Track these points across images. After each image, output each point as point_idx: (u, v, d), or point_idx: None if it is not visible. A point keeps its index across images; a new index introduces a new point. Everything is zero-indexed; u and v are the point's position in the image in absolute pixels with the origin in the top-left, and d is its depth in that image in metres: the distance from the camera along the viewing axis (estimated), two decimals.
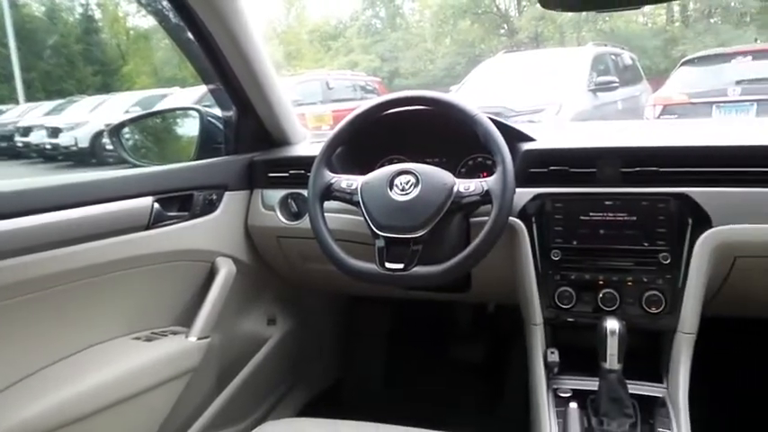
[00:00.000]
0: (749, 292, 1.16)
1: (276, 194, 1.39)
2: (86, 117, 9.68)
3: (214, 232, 1.33)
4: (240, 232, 1.40)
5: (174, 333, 1.22)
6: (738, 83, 5.15)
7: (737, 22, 17.87)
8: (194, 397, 1.28)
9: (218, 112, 1.48)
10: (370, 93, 9.17)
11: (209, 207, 1.32)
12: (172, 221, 1.22)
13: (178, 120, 1.63)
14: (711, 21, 19.16)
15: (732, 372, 1.61)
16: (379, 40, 23.22)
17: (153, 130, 1.63)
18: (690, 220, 1.06)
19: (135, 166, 1.42)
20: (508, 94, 5.73)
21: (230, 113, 1.45)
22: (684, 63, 5.94)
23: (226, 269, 1.31)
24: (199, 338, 1.21)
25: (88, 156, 8.87)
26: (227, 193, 1.36)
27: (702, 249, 1.05)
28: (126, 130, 1.52)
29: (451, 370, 1.88)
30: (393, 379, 1.91)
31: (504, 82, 6.37)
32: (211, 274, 1.30)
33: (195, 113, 1.49)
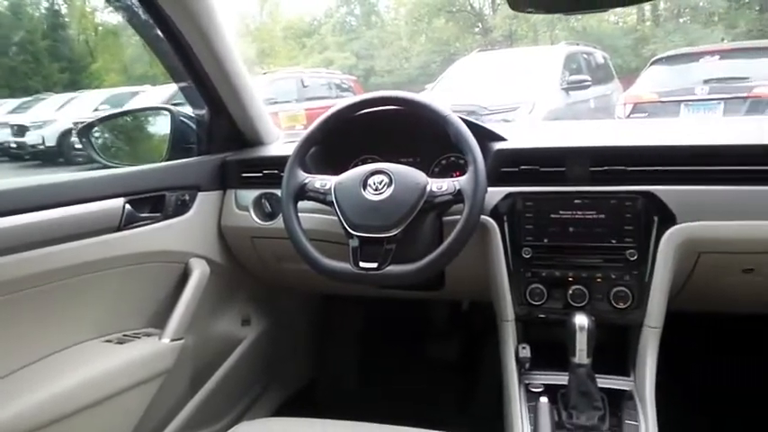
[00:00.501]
0: (712, 288, 1.20)
1: (250, 195, 1.38)
2: (54, 115, 9.44)
3: (187, 233, 1.31)
4: (213, 233, 1.40)
5: (148, 335, 1.21)
6: (706, 82, 5.28)
7: (706, 22, 18.33)
8: (168, 398, 1.27)
9: (189, 111, 1.46)
10: (345, 91, 9.14)
11: (182, 208, 1.31)
12: (144, 223, 1.21)
13: (149, 119, 1.61)
14: (681, 20, 19.62)
15: (697, 365, 1.66)
16: (355, 37, 23.16)
17: (123, 130, 1.60)
18: (655, 218, 1.09)
19: (105, 166, 1.40)
20: (482, 93, 5.79)
21: (202, 113, 1.44)
22: (654, 62, 6.08)
23: (199, 270, 1.30)
24: (172, 340, 1.20)
25: (56, 155, 8.65)
26: (199, 193, 1.35)
27: (667, 246, 1.08)
28: (96, 129, 1.50)
29: (426, 367, 1.89)
30: (368, 378, 1.92)
31: (479, 80, 6.44)
32: (185, 276, 1.29)
33: (166, 113, 1.47)
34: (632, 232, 1.11)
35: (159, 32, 1.25)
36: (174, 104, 1.54)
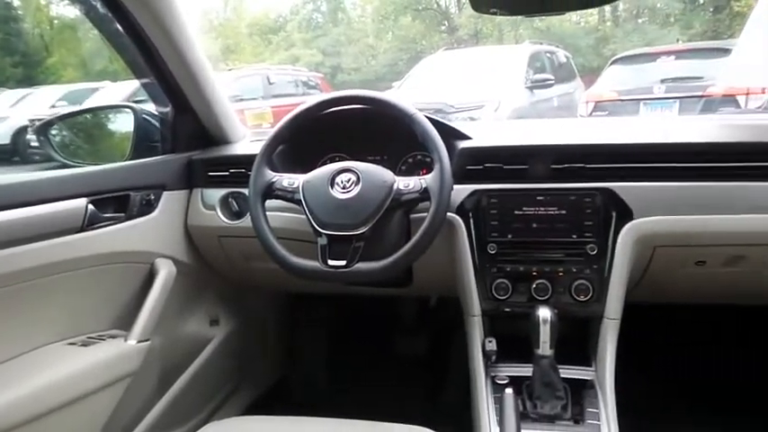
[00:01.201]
0: (668, 280, 1.25)
1: (216, 194, 1.37)
2: (7, 112, 9.08)
3: (152, 233, 1.30)
4: (180, 232, 1.38)
5: (113, 337, 1.19)
6: (663, 81, 5.45)
7: (663, 23, 18.88)
8: (136, 400, 1.25)
9: (153, 109, 1.44)
10: (312, 88, 9.08)
11: (147, 207, 1.29)
12: (107, 223, 1.19)
13: (111, 117, 1.58)
14: (639, 21, 20.17)
15: (655, 354, 1.73)
16: (321, 34, 22.98)
17: (84, 129, 1.57)
18: (614, 213, 1.13)
19: (66, 166, 1.37)
20: (449, 91, 5.84)
21: (166, 110, 1.42)
22: (614, 62, 6.24)
23: (165, 270, 1.28)
24: (139, 341, 1.18)
25: (10, 153, 8.33)
26: (165, 192, 1.34)
27: (625, 240, 1.12)
28: (55, 128, 1.46)
29: (396, 363, 1.91)
30: (338, 374, 1.93)
31: (445, 79, 6.49)
32: (151, 276, 1.28)
33: (129, 111, 1.44)
34: (592, 227, 1.14)
35: (119, 28, 1.23)
36: (136, 101, 1.52)
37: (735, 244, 1.13)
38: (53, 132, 1.45)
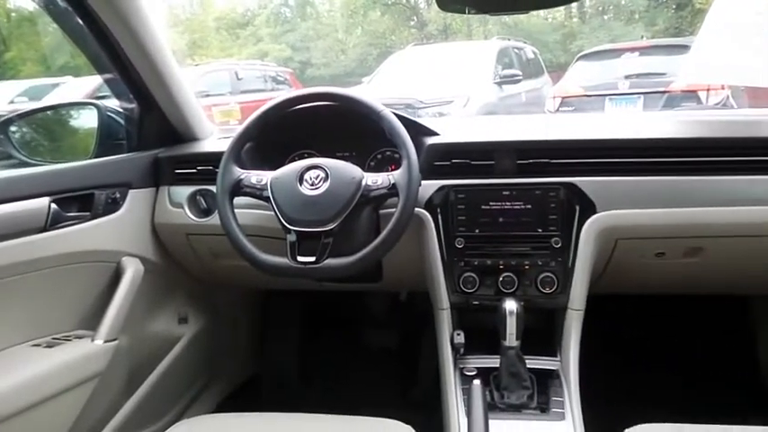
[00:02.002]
0: (629, 271, 1.29)
1: (184, 191, 1.36)
2: None
3: (119, 232, 1.28)
4: (147, 231, 1.37)
5: (79, 337, 1.17)
6: (627, 77, 5.57)
7: (628, 19, 19.28)
8: (103, 401, 1.24)
9: (118, 105, 1.42)
10: (281, 84, 8.99)
11: (113, 206, 1.28)
12: (72, 222, 1.17)
13: (74, 114, 1.55)
14: (605, 17, 20.55)
15: (620, 345, 1.78)
16: (290, 29, 22.74)
17: (46, 126, 1.53)
18: (577, 207, 1.17)
19: (27, 165, 1.34)
20: (419, 87, 5.87)
21: (132, 107, 1.40)
22: (580, 58, 6.35)
23: (132, 269, 1.27)
24: (105, 341, 1.17)
25: None
26: (131, 191, 1.32)
27: (588, 233, 1.16)
28: (15, 125, 1.42)
29: (368, 358, 1.93)
30: (310, 370, 1.93)
31: (415, 74, 6.51)
32: (117, 275, 1.26)
33: (93, 108, 1.42)
34: (556, 221, 1.17)
35: (81, 23, 1.20)
36: (100, 97, 1.49)
37: (693, 236, 1.17)
38: (13, 130, 1.42)
